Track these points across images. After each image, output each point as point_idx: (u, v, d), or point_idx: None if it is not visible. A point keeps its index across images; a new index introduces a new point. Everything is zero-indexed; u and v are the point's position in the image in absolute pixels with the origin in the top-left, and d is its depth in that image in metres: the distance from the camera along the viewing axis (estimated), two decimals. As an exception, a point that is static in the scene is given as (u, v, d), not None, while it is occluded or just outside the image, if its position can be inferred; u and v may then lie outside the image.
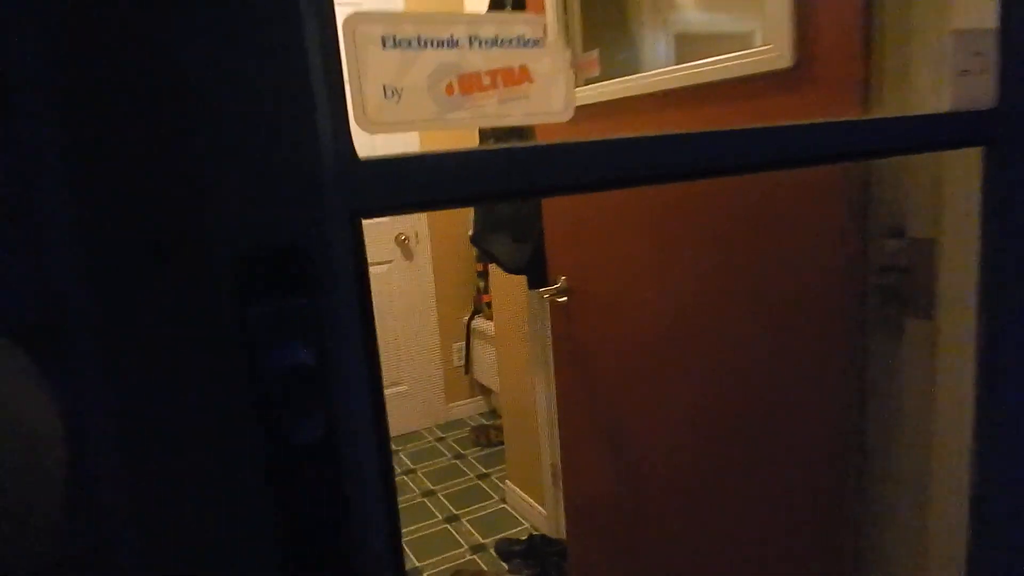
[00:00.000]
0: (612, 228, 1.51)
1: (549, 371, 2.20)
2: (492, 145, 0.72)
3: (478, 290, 3.80)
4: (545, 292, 1.68)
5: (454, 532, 2.75)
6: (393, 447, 3.59)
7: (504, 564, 2.50)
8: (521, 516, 2.81)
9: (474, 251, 3.54)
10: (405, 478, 3.24)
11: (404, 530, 2.79)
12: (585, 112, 0.99)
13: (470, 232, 2.19)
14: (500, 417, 3.22)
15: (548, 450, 2.55)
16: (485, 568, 2.49)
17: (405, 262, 3.70)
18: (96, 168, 0.38)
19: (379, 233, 3.59)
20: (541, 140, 0.87)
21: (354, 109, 0.46)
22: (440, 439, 3.66)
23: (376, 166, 0.45)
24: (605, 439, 1.68)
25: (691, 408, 1.40)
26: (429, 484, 3.17)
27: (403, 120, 0.49)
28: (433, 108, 0.50)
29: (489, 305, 3.49)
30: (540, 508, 2.69)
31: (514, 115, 0.53)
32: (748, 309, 1.23)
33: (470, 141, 2.49)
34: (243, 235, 0.41)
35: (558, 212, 1.70)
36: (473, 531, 2.74)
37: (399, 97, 0.48)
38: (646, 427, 1.54)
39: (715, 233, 1.27)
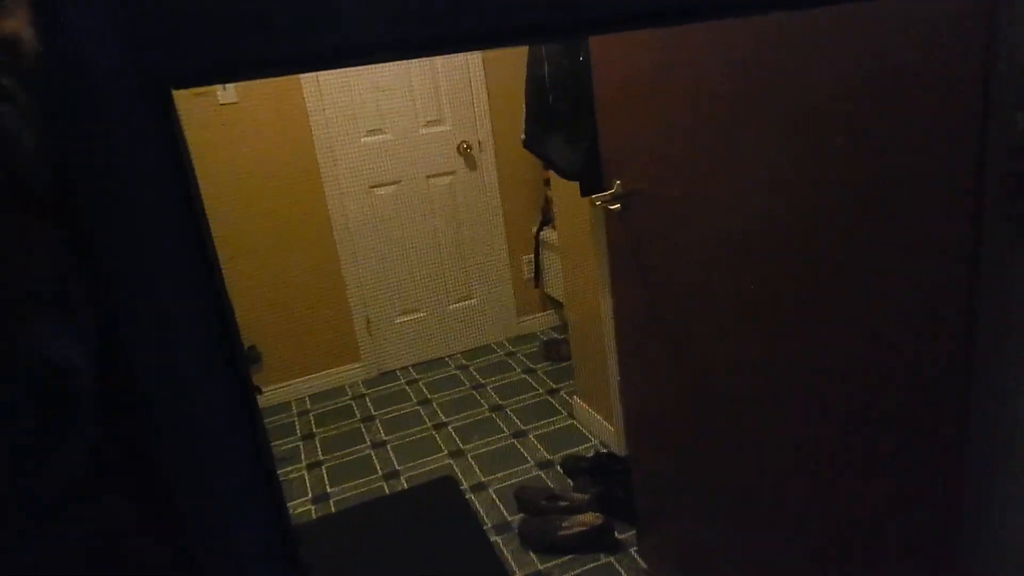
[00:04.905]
0: (675, 120, 1.29)
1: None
2: None
3: (546, 199, 3.60)
4: (598, 199, 1.48)
5: (521, 448, 2.70)
6: (463, 361, 3.56)
7: (570, 481, 2.44)
8: (589, 432, 2.73)
9: (539, 158, 3.32)
10: (474, 393, 3.21)
11: (471, 444, 2.77)
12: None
13: (522, 136, 1.99)
14: (569, 332, 3.10)
15: (614, 366, 2.42)
16: (551, 485, 2.44)
17: (469, 172, 3.54)
18: None
19: (440, 142, 3.43)
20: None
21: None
22: (511, 354, 3.60)
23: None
24: (664, 354, 1.52)
25: (756, 315, 1.20)
26: (498, 399, 3.13)
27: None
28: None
29: (556, 215, 3.30)
30: (608, 425, 2.58)
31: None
32: (838, 204, 1.00)
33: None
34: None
35: (613, 102, 1.48)
36: (540, 447, 2.69)
37: None
38: (709, 341, 1.36)
39: (798, 120, 1.04)
